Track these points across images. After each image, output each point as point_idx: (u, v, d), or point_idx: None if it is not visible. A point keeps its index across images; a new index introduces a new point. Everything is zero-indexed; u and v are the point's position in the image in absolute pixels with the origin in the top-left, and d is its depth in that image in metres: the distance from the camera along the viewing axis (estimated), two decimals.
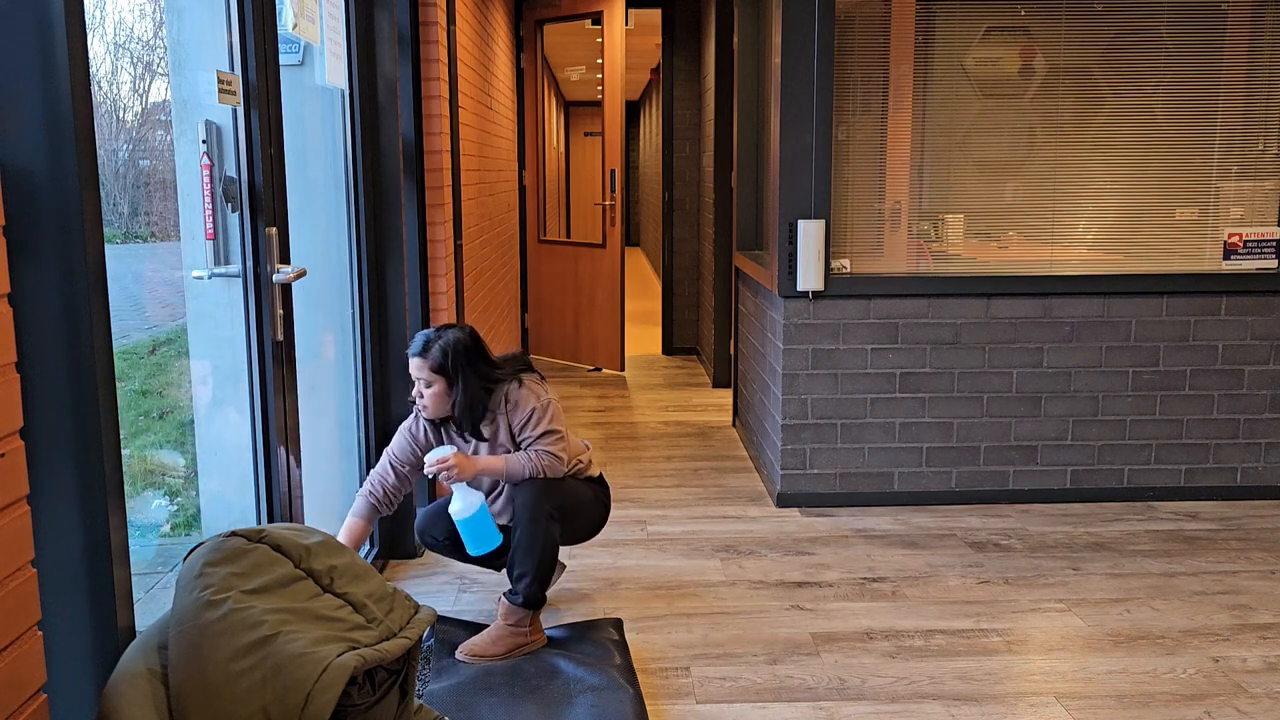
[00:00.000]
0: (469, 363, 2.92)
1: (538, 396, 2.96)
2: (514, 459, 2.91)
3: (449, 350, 2.91)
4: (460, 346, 2.92)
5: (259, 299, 2.44)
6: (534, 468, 2.90)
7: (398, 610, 1.82)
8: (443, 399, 2.94)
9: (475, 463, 2.91)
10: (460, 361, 2.91)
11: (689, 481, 4.59)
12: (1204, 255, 4.25)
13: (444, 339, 2.92)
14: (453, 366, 2.91)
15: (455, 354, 2.91)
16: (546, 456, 2.90)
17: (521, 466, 2.91)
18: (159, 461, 2.78)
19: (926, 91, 4.21)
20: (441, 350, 2.91)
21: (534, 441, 2.92)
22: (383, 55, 3.42)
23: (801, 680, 2.79)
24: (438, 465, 2.87)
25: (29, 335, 1.58)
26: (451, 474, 2.87)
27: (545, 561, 2.89)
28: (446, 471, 2.87)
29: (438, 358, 2.91)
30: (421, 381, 2.93)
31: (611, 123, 6.71)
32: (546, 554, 2.89)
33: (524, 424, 2.93)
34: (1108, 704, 2.66)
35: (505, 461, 2.91)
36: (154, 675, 1.61)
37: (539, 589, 2.90)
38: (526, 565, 2.87)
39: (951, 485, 4.22)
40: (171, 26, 2.57)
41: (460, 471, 2.87)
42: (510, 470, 2.91)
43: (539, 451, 2.91)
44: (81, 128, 1.57)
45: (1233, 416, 4.20)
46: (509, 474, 2.91)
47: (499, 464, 2.91)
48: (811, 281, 4.02)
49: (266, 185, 2.43)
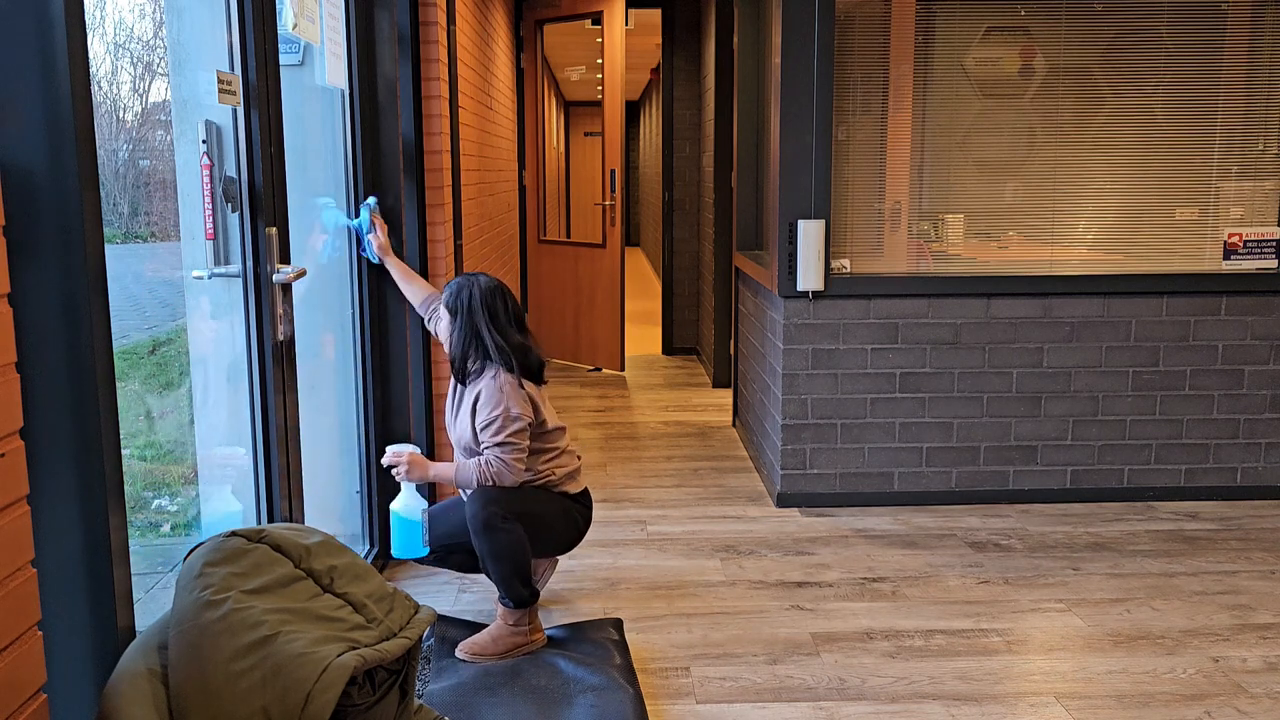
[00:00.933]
0: (469, 314, 2.93)
1: (504, 404, 2.85)
2: (463, 466, 2.88)
3: (459, 291, 2.95)
4: (472, 294, 2.93)
5: (259, 299, 2.44)
6: (481, 475, 2.85)
7: (398, 610, 1.82)
8: (448, 334, 3.00)
9: (427, 467, 2.93)
10: (462, 308, 2.93)
11: (689, 481, 4.59)
12: (1204, 255, 4.25)
13: (469, 281, 2.96)
14: (452, 307, 2.95)
15: (462, 298, 2.94)
16: (496, 463, 2.84)
17: (469, 475, 2.87)
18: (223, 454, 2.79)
19: (926, 91, 4.21)
20: (456, 288, 2.96)
21: (489, 447, 2.86)
22: (383, 55, 3.42)
23: (801, 680, 2.79)
24: (392, 459, 2.90)
25: (29, 335, 1.58)
26: (401, 472, 2.90)
27: (514, 562, 2.83)
28: (398, 468, 2.90)
29: (451, 293, 2.97)
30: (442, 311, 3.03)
31: (611, 123, 6.71)
32: (513, 554, 2.83)
33: (484, 425, 2.87)
34: (1108, 704, 2.66)
35: (455, 469, 2.90)
36: (154, 675, 1.61)
37: (521, 587, 2.87)
38: (498, 572, 2.85)
39: (951, 485, 4.22)
40: (171, 26, 2.57)
41: (409, 471, 2.90)
42: (459, 478, 2.89)
43: (489, 460, 2.85)
44: (81, 128, 1.57)
45: (1233, 416, 4.20)
46: (458, 481, 2.90)
47: (448, 471, 2.92)
48: (811, 281, 4.02)
49: (266, 185, 2.43)
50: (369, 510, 3.52)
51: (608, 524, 4.02)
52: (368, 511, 3.52)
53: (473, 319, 2.92)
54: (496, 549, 2.82)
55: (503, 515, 2.81)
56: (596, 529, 3.95)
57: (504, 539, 2.81)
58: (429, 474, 2.92)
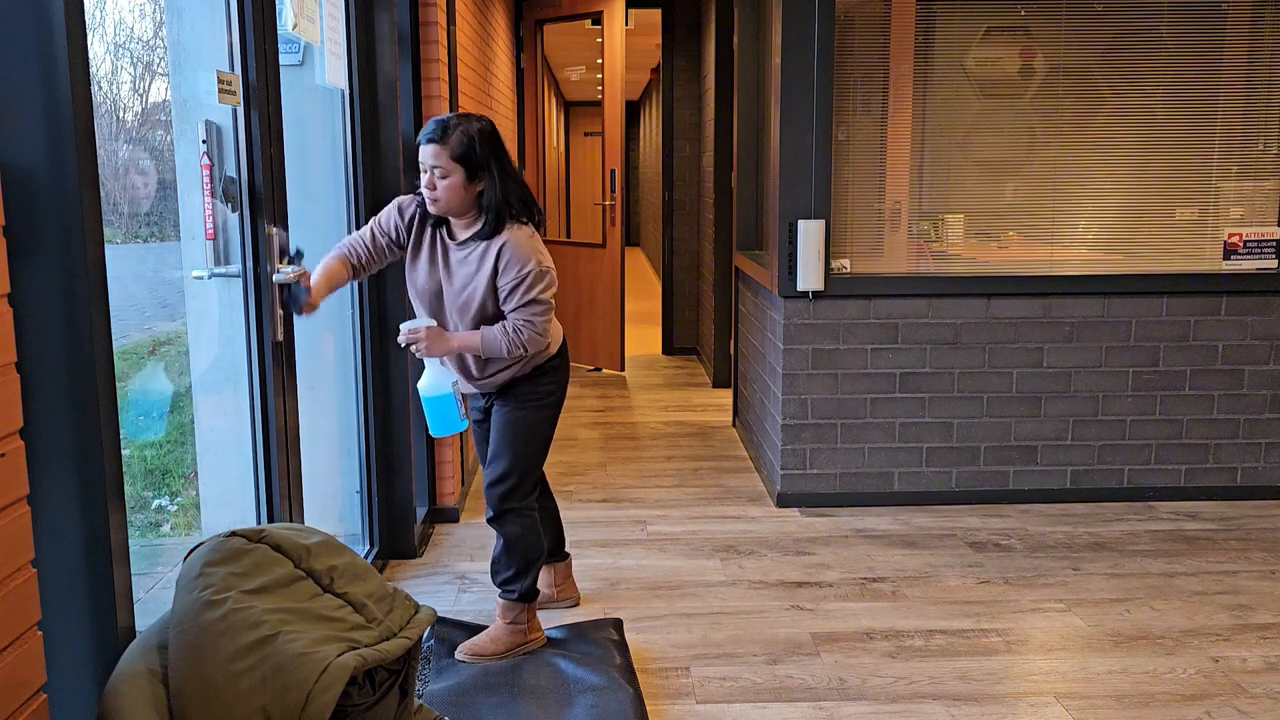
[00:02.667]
0: (495, 156, 2.62)
1: (535, 258, 2.64)
2: (490, 334, 2.66)
3: (474, 138, 2.60)
4: (485, 137, 2.61)
5: (259, 299, 2.44)
6: (511, 343, 2.65)
7: (398, 610, 1.82)
8: (458, 192, 2.62)
9: (448, 340, 2.69)
10: (489, 151, 2.61)
11: (689, 481, 4.59)
12: (1204, 255, 4.25)
13: (466, 126, 2.60)
14: (481, 156, 2.60)
15: (482, 144, 2.60)
16: (527, 330, 2.65)
17: (498, 342, 2.65)
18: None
19: (926, 91, 4.21)
20: (466, 136, 2.59)
21: (517, 310, 2.65)
22: (383, 55, 3.42)
23: (801, 680, 2.79)
24: (409, 336, 2.66)
25: (29, 335, 1.58)
26: (421, 348, 2.68)
27: (527, 556, 2.89)
28: (417, 344, 2.67)
29: (461, 144, 2.59)
30: (436, 171, 2.60)
31: (611, 123, 6.71)
32: (526, 548, 2.89)
33: (512, 285, 2.64)
34: (1108, 704, 2.66)
35: (481, 337, 2.67)
36: (154, 675, 1.61)
37: (531, 583, 2.92)
38: (511, 567, 2.90)
39: (951, 485, 4.22)
40: (171, 26, 2.57)
41: (430, 347, 2.67)
42: (486, 345, 2.67)
43: (518, 326, 2.65)
44: (81, 128, 1.57)
45: (1233, 416, 4.20)
46: (484, 349, 2.68)
47: (474, 340, 2.68)
48: (811, 281, 4.02)
49: (266, 185, 2.43)
50: (369, 510, 3.52)
51: (608, 524, 4.02)
52: (368, 511, 3.52)
53: (503, 164, 2.62)
54: (512, 537, 2.86)
55: (505, 509, 2.85)
56: (596, 529, 3.96)
57: (513, 530, 2.86)
58: (452, 345, 2.69)
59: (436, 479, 4.02)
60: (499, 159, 2.64)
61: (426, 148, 2.60)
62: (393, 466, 3.58)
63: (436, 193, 2.62)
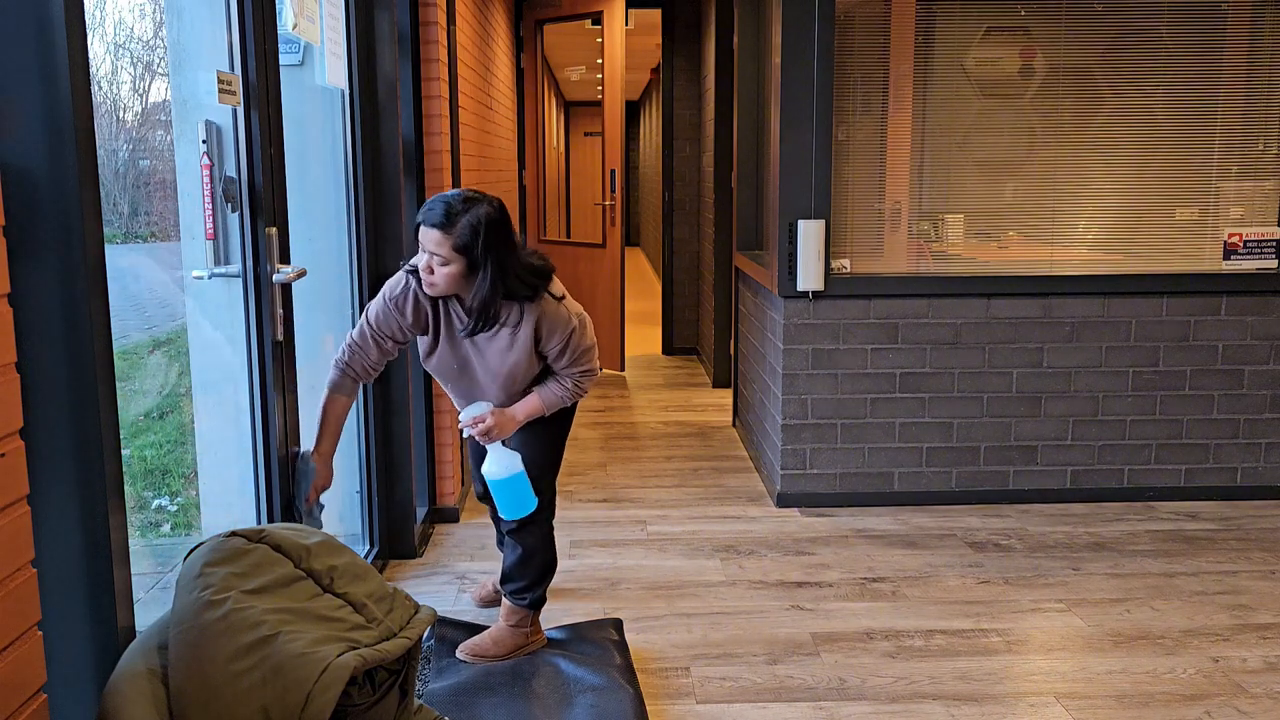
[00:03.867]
0: (498, 248, 2.50)
1: (568, 315, 2.65)
2: (549, 395, 2.70)
3: (480, 229, 2.47)
4: (493, 227, 2.49)
5: (259, 299, 2.44)
6: (573, 395, 2.71)
7: (398, 610, 1.82)
8: (457, 281, 2.53)
9: (514, 417, 2.66)
10: (491, 245, 2.48)
11: (689, 481, 4.59)
12: (1204, 255, 4.25)
13: (473, 213, 2.48)
14: (482, 250, 2.48)
15: (487, 235, 2.47)
16: (586, 381, 2.72)
17: (561, 400, 2.71)
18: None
19: (926, 91, 4.21)
20: (470, 228, 2.47)
21: (570, 366, 2.68)
22: (383, 55, 3.42)
23: (801, 680, 2.79)
24: (474, 425, 2.60)
25: (29, 335, 1.58)
26: (491, 435, 2.62)
27: (542, 566, 2.91)
28: (484, 433, 2.61)
29: (465, 236, 2.47)
30: (436, 258, 2.50)
31: (611, 123, 6.71)
32: (544, 558, 2.91)
33: (559, 349, 2.65)
34: (1108, 704, 2.66)
35: (542, 400, 2.69)
36: (154, 675, 1.61)
37: (543, 592, 2.93)
38: (527, 576, 2.90)
39: (951, 485, 4.22)
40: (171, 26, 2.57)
41: (501, 430, 2.63)
42: (551, 407, 2.71)
43: (575, 378, 2.70)
44: (81, 128, 1.57)
45: (1233, 416, 4.20)
46: (550, 411, 2.72)
47: (538, 406, 2.68)
48: (811, 281, 4.02)
49: (266, 185, 2.43)
50: (369, 510, 3.52)
51: (608, 524, 4.02)
52: (368, 511, 3.52)
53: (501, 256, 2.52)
54: (530, 549, 2.87)
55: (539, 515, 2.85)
56: (596, 529, 3.96)
57: (531, 542, 2.87)
58: (520, 419, 2.68)
59: (436, 479, 4.02)
60: (500, 249, 2.52)
61: (429, 232, 2.49)
62: (393, 466, 3.58)
63: (434, 278, 2.53)
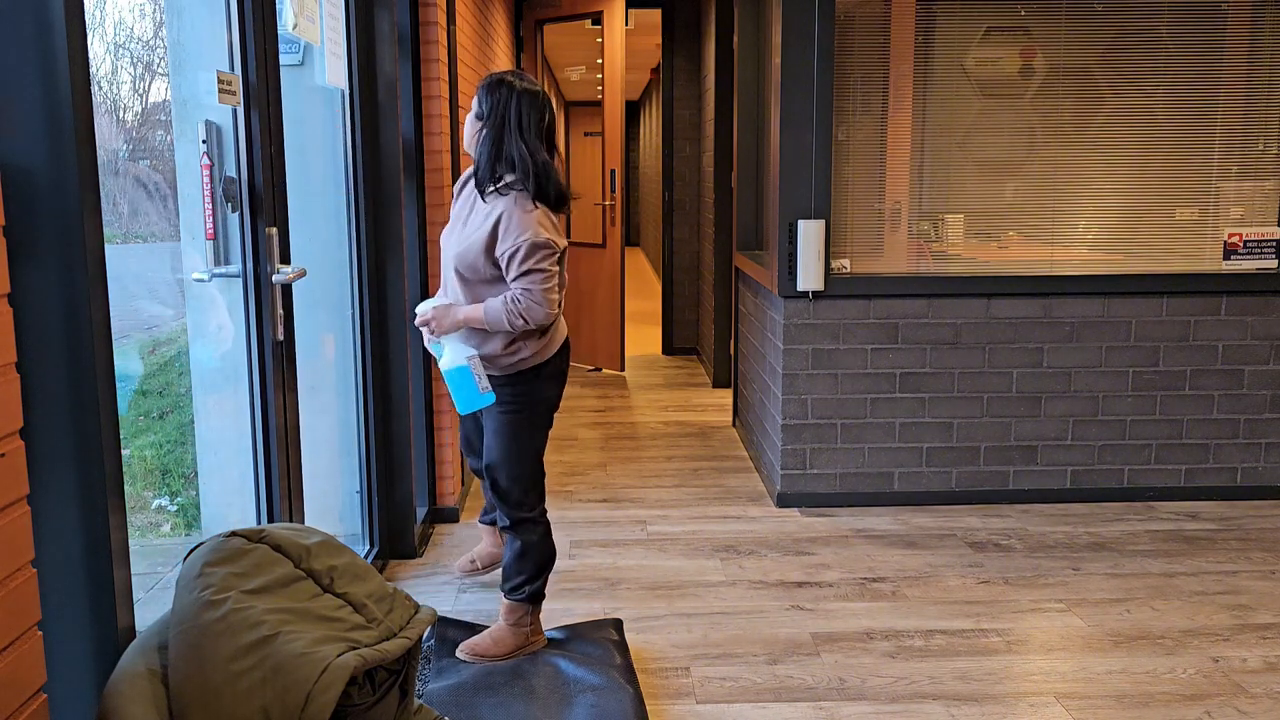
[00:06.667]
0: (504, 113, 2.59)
1: (535, 229, 2.60)
2: (491, 307, 2.65)
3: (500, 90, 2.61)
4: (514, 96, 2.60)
5: (259, 299, 2.44)
6: (510, 313, 2.62)
7: (398, 610, 1.82)
8: (471, 130, 2.69)
9: (454, 315, 2.70)
10: (504, 109, 2.59)
11: (689, 481, 4.59)
12: (1204, 255, 4.25)
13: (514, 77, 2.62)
14: (495, 102, 2.61)
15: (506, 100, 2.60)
16: (525, 299, 2.61)
17: (498, 314, 2.63)
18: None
19: (926, 91, 4.21)
20: (495, 82, 2.61)
21: (517, 279, 2.62)
22: (383, 55, 3.42)
23: (801, 680, 2.79)
24: (420, 319, 2.71)
25: (29, 335, 1.58)
26: (432, 326, 2.71)
27: (539, 562, 2.90)
28: (424, 325, 2.72)
29: (490, 81, 2.62)
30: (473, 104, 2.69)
31: (611, 123, 6.71)
32: (540, 553, 2.90)
33: (510, 253, 2.61)
34: (1108, 704, 2.66)
35: (484, 310, 2.66)
36: (154, 675, 1.61)
37: (541, 585, 2.93)
38: (523, 573, 2.90)
39: (951, 485, 4.22)
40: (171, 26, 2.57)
41: (438, 325, 2.70)
42: (489, 315, 2.65)
43: (516, 296, 2.62)
44: (81, 128, 1.57)
45: (1233, 416, 4.20)
46: (487, 320, 2.66)
47: (477, 314, 2.67)
48: (811, 281, 4.02)
49: (266, 185, 2.43)
50: (369, 510, 3.52)
51: (608, 524, 4.02)
52: (368, 511, 3.52)
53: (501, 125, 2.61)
54: (527, 545, 2.87)
55: (515, 519, 2.85)
56: (596, 529, 3.96)
57: (526, 537, 2.86)
58: (459, 319, 2.70)
59: (436, 479, 4.02)
60: (512, 119, 2.59)
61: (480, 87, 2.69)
62: (393, 466, 3.58)
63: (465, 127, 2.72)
